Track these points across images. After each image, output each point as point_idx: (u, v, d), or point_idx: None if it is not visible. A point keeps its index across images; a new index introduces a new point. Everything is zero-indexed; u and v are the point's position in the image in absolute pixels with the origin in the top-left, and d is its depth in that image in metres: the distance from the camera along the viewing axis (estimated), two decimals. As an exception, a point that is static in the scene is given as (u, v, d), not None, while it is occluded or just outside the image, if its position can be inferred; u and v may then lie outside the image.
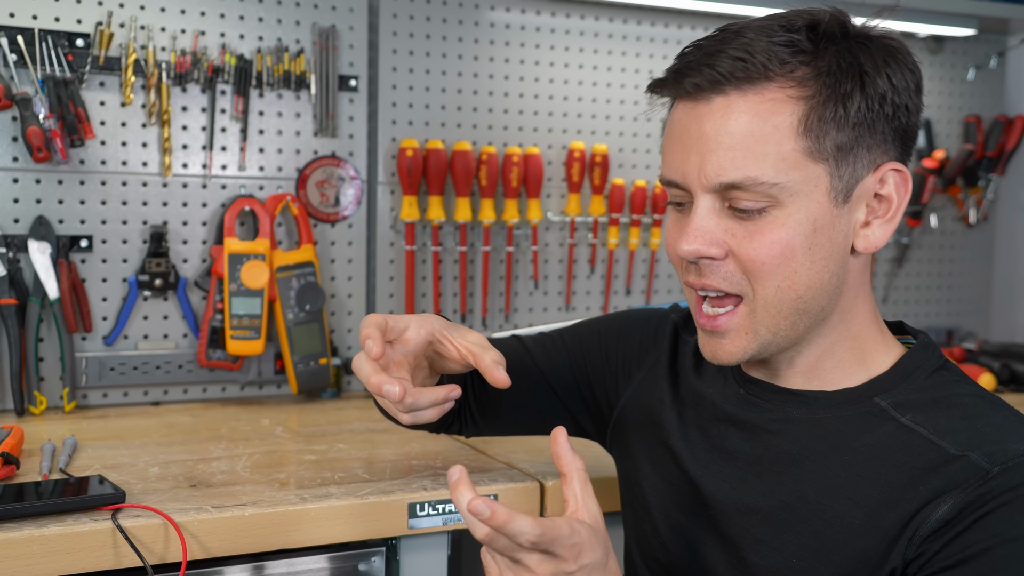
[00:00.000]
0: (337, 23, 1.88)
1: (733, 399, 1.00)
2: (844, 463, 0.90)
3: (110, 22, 1.71)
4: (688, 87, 0.89)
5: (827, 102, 0.86)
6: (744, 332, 0.91)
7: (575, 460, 0.83)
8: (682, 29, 2.19)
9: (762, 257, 0.88)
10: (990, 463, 0.82)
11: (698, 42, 0.91)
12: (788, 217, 0.87)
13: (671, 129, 0.93)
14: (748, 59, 0.85)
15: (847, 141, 0.87)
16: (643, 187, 2.12)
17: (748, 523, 0.94)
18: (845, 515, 0.88)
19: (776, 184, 0.86)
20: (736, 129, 0.86)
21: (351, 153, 1.91)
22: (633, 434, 1.12)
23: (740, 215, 0.88)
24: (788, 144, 0.86)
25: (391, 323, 0.97)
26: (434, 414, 1.01)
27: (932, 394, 0.91)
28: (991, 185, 2.50)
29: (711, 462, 0.99)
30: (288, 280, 1.81)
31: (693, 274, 0.92)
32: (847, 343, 0.94)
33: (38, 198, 1.69)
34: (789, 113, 0.86)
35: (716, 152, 0.87)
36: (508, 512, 0.75)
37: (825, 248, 0.89)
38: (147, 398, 1.80)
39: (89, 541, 1.06)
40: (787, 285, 0.88)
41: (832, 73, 0.86)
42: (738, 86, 0.86)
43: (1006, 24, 2.39)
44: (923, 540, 0.83)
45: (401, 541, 1.25)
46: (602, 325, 1.21)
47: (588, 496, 0.82)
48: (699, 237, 0.89)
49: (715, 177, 0.87)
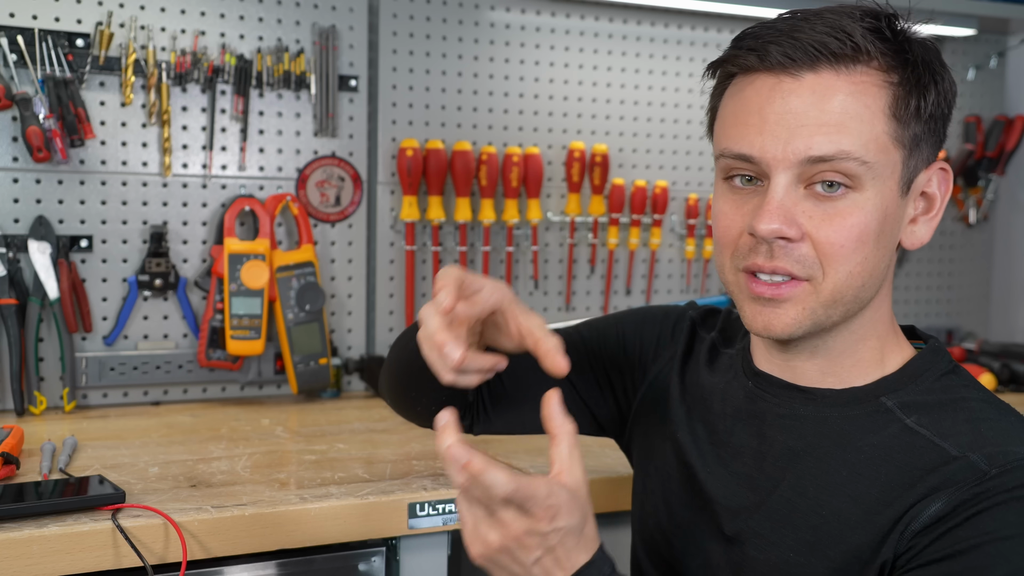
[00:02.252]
0: (337, 23, 1.88)
1: (741, 392, 1.00)
2: (846, 461, 0.90)
3: (110, 22, 1.71)
4: (778, 58, 0.86)
5: (911, 92, 0.87)
6: (803, 306, 0.89)
7: (566, 423, 0.81)
8: (682, 29, 2.19)
9: (841, 240, 0.86)
10: (989, 464, 0.82)
11: (764, 23, 0.89)
12: (867, 202, 0.86)
13: (745, 104, 0.90)
14: (844, 38, 0.85)
15: (921, 132, 0.88)
16: (643, 187, 2.12)
17: (750, 519, 0.94)
18: (843, 511, 0.88)
19: (866, 163, 0.85)
20: (830, 106, 0.85)
21: (351, 153, 1.91)
22: (647, 428, 1.12)
23: (820, 196, 0.87)
24: (879, 126, 0.86)
25: (468, 280, 0.91)
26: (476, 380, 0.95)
27: (939, 396, 0.91)
28: (991, 185, 2.50)
29: (716, 458, 0.99)
30: (288, 280, 1.81)
31: (762, 256, 0.89)
32: (871, 342, 0.94)
33: (38, 198, 1.69)
34: (880, 96, 0.86)
35: (807, 127, 0.85)
36: (485, 462, 0.75)
37: (889, 238, 0.89)
38: (147, 398, 1.80)
39: (89, 541, 1.06)
40: (858, 271, 0.88)
41: (916, 65, 0.87)
42: (832, 63, 0.85)
43: (1006, 24, 2.39)
44: (915, 534, 0.82)
45: (401, 541, 1.25)
46: (620, 320, 1.20)
47: (574, 461, 0.81)
48: (780, 215, 0.86)
49: (804, 151, 0.85)
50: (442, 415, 0.78)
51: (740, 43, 0.91)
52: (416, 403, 1.10)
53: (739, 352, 1.04)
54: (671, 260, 2.22)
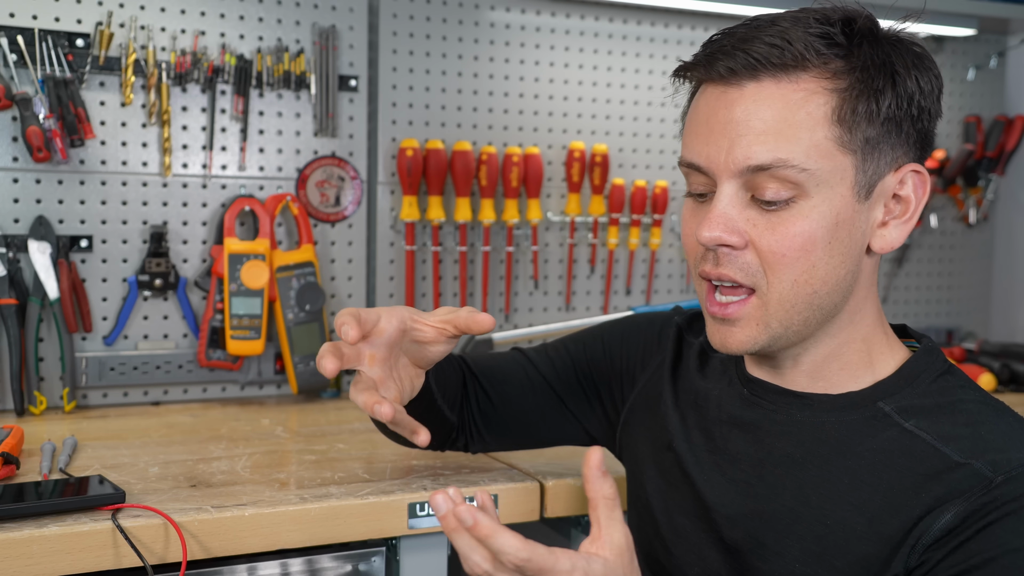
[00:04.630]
0: (337, 23, 1.88)
1: (736, 400, 1.00)
2: (847, 468, 0.89)
3: (110, 22, 1.71)
4: (721, 70, 0.88)
5: (860, 96, 0.86)
6: (755, 322, 0.90)
7: (603, 485, 0.78)
8: (682, 29, 2.19)
9: (782, 249, 0.87)
10: (994, 471, 0.82)
11: (728, 29, 0.90)
12: (812, 209, 0.86)
13: (697, 113, 0.92)
14: (785, 47, 0.85)
15: (875, 136, 0.87)
16: (643, 187, 2.12)
17: (751, 527, 0.93)
18: (847, 520, 0.87)
19: (806, 170, 0.85)
20: (769, 114, 0.86)
21: (351, 153, 1.91)
22: (638, 437, 1.12)
23: (764, 206, 0.87)
24: (821, 132, 0.86)
25: (363, 315, 0.95)
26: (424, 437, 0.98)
27: (936, 399, 0.91)
28: (991, 185, 2.50)
29: (714, 465, 0.99)
30: (288, 280, 1.81)
31: (710, 263, 0.91)
32: (855, 345, 0.94)
33: (38, 198, 1.69)
34: (823, 103, 0.86)
35: (746, 136, 0.86)
36: (492, 525, 0.72)
37: (844, 244, 0.88)
38: (147, 398, 1.80)
39: (89, 541, 1.06)
40: (804, 280, 0.88)
41: (866, 68, 0.87)
42: (773, 73, 0.86)
43: (1006, 24, 2.39)
44: (926, 548, 0.82)
45: (401, 541, 1.25)
46: (605, 331, 1.20)
47: (613, 524, 0.78)
48: (720, 224, 0.88)
49: (743, 160, 0.86)
50: (440, 499, 0.76)
51: (700, 52, 0.92)
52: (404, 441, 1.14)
53: (730, 358, 1.04)
54: (671, 260, 2.22)
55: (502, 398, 1.18)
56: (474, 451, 1.23)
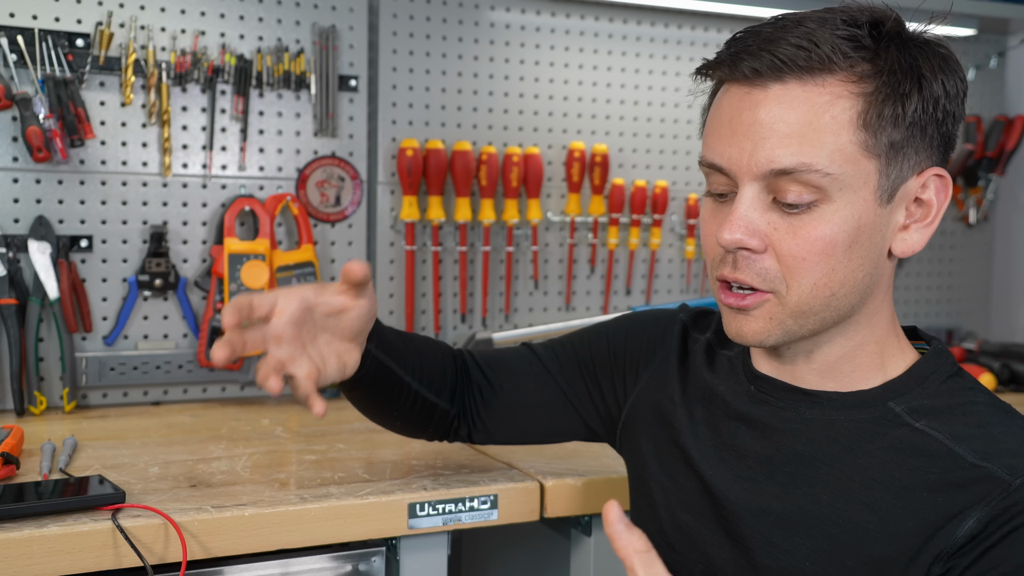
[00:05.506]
0: (337, 23, 1.88)
1: (744, 396, 0.99)
2: (858, 467, 0.89)
3: (110, 22, 1.71)
4: (746, 71, 0.87)
5: (886, 100, 0.85)
6: (770, 316, 0.90)
7: (631, 539, 0.71)
8: (682, 29, 2.19)
9: (803, 253, 0.86)
10: (1011, 475, 0.82)
11: (753, 28, 0.89)
12: (835, 213, 0.86)
13: (719, 113, 0.91)
14: (812, 48, 0.84)
15: (900, 140, 0.86)
16: (643, 187, 2.12)
17: (759, 524, 0.93)
18: (859, 519, 0.87)
19: (829, 174, 0.84)
20: (793, 117, 0.85)
21: (351, 153, 1.91)
22: (642, 433, 1.11)
23: (785, 209, 0.86)
24: (845, 136, 0.85)
25: (257, 300, 0.94)
26: None
27: (946, 400, 0.91)
28: (991, 185, 2.50)
29: (721, 461, 0.99)
30: (288, 280, 1.81)
31: (728, 267, 0.90)
32: (870, 347, 0.93)
33: (38, 198, 1.69)
34: (848, 107, 0.85)
35: (770, 139, 0.85)
36: None
37: (865, 248, 0.88)
38: (147, 398, 1.80)
39: (89, 541, 1.06)
40: (823, 283, 0.87)
41: (893, 72, 0.86)
42: (798, 75, 0.85)
43: (1006, 24, 2.39)
44: (950, 556, 0.82)
45: (401, 541, 1.25)
46: (609, 327, 1.20)
47: None
48: (741, 227, 0.87)
49: (767, 164, 0.85)
50: None
51: (724, 50, 0.91)
52: (390, 425, 1.18)
53: (738, 355, 1.04)
54: (671, 260, 2.22)
55: (503, 385, 1.19)
56: (478, 441, 1.22)
